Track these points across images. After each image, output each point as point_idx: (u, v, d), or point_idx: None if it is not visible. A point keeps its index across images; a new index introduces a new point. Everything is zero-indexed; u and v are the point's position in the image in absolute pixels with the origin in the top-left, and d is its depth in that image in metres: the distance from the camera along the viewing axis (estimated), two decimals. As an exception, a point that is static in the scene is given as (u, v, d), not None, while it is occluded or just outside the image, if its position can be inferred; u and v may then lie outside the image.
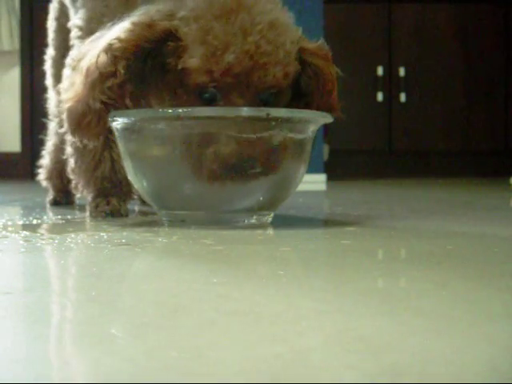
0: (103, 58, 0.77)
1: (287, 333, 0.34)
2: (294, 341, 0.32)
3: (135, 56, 0.78)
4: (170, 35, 0.77)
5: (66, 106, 0.81)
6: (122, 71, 0.77)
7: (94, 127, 0.79)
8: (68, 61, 0.97)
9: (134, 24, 0.78)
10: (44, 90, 1.25)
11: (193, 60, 0.76)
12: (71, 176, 1.01)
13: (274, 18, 0.78)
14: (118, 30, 0.79)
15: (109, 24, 0.83)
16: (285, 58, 0.78)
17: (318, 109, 0.84)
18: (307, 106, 0.85)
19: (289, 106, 0.83)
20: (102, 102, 0.78)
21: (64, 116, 0.83)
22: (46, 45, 1.24)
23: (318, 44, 0.86)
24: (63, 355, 0.30)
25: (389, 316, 0.37)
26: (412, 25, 3.18)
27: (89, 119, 0.79)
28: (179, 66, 0.77)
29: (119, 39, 0.77)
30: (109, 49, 0.77)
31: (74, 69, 0.83)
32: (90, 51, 0.81)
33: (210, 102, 0.78)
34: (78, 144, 0.91)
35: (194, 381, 0.26)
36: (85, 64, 0.79)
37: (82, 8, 0.98)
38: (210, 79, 0.76)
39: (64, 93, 0.85)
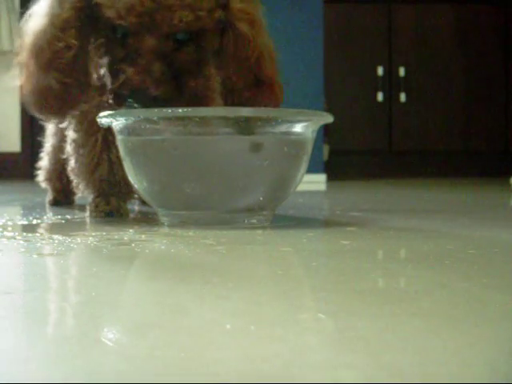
0: (50, 34, 0.79)
1: (287, 333, 0.34)
2: (293, 341, 0.32)
3: (80, 21, 0.80)
4: None
5: (24, 88, 0.83)
6: (74, 41, 0.79)
7: (58, 107, 0.82)
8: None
9: None
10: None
11: None
12: (72, 176, 1.01)
13: None
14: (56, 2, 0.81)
15: None
16: (195, 2, 0.78)
17: (241, 79, 0.84)
18: (233, 74, 0.84)
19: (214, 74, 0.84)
20: (61, 81, 0.80)
21: (26, 98, 0.84)
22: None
23: (246, 6, 0.83)
24: (63, 355, 0.30)
25: (389, 316, 0.37)
26: (412, 25, 3.19)
27: (51, 101, 0.81)
28: (93, 2, 0.79)
29: (60, 13, 0.79)
30: (53, 24, 0.79)
31: (21, 47, 0.85)
32: (33, 30, 0.82)
33: (123, 39, 0.79)
34: (77, 138, 0.92)
35: (194, 381, 0.26)
36: (32, 43, 0.81)
37: None
38: (117, 16, 0.77)
39: (20, 73, 0.87)
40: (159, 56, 0.78)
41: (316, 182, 2.32)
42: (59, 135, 1.15)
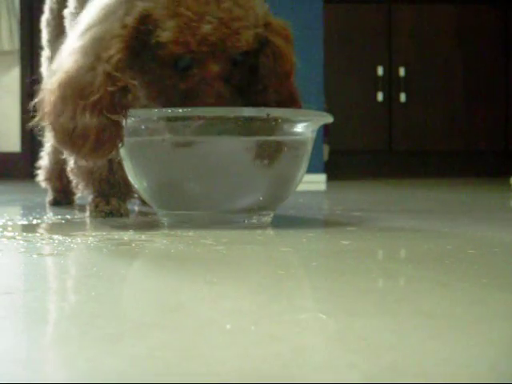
0: (103, 73, 0.74)
1: (287, 333, 0.34)
2: (294, 340, 0.32)
3: (131, 60, 0.77)
4: (147, 18, 0.76)
5: (53, 127, 0.77)
6: (134, 82, 0.76)
7: (95, 149, 0.76)
8: (54, 66, 0.84)
9: (116, 29, 0.75)
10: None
11: (166, 33, 0.75)
12: (71, 176, 1.01)
13: None
14: (102, 39, 0.76)
15: (76, 26, 0.79)
16: (255, 21, 0.78)
17: (276, 94, 0.82)
18: (265, 90, 0.83)
19: (247, 89, 0.82)
20: (102, 122, 0.74)
21: (55, 140, 0.79)
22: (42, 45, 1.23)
23: (282, 22, 0.84)
24: (63, 355, 0.30)
25: (389, 316, 0.37)
26: (412, 25, 3.18)
27: (89, 142, 0.75)
28: (153, 41, 0.76)
29: (113, 53, 0.75)
30: (105, 62, 0.74)
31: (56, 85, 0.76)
32: (72, 67, 0.76)
33: (185, 70, 0.77)
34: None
35: (194, 381, 0.26)
36: (72, 80, 0.75)
37: None
38: (186, 50, 0.75)
39: (45, 112, 0.78)
40: (224, 79, 0.77)
41: (316, 182, 2.31)
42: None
